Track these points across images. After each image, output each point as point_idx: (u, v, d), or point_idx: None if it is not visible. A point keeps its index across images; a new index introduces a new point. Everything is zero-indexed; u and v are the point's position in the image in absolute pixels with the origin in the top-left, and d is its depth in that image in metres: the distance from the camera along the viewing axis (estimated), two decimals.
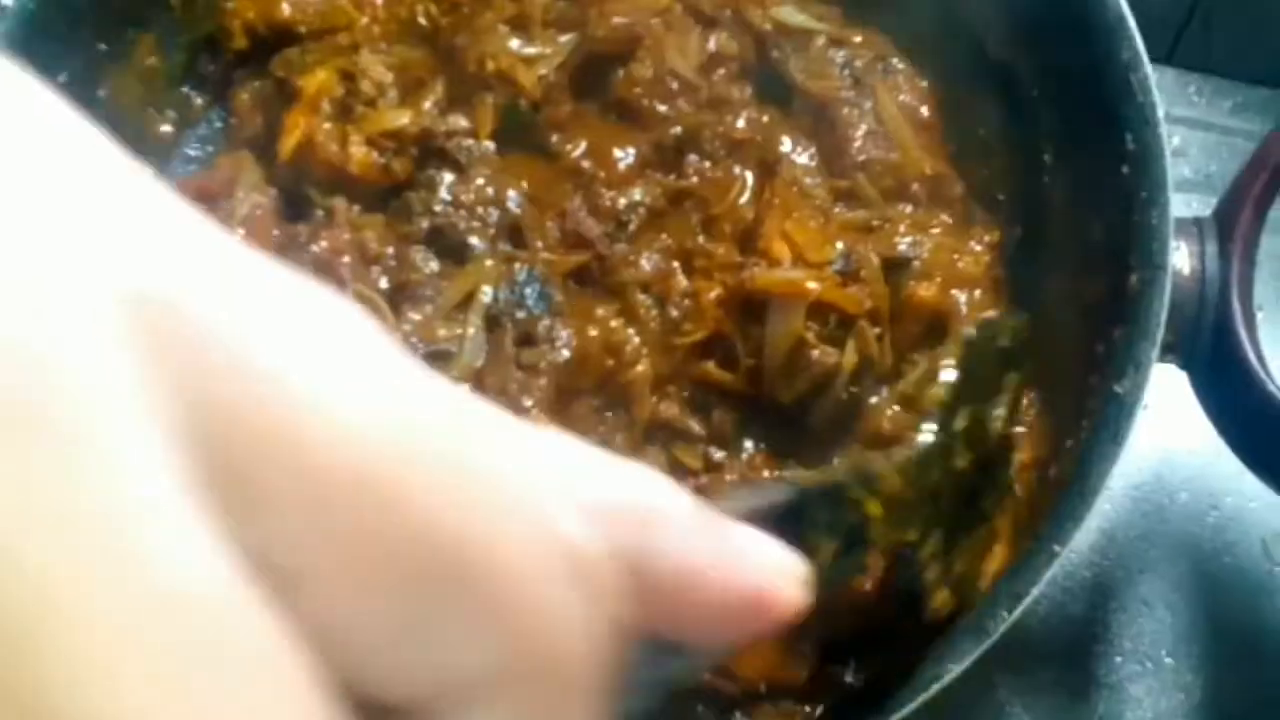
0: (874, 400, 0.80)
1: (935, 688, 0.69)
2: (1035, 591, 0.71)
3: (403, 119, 0.87)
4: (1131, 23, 0.79)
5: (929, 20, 0.91)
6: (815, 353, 0.80)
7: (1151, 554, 0.99)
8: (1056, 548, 0.72)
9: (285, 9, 0.93)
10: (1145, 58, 0.79)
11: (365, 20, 0.92)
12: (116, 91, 0.93)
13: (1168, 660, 0.96)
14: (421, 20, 0.92)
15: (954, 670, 0.69)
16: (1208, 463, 0.98)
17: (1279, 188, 0.80)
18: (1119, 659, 0.96)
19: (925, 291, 0.81)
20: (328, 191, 0.86)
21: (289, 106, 0.89)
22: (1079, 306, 0.82)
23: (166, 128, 0.97)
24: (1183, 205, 0.81)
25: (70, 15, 0.88)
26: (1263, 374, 0.76)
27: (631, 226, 0.85)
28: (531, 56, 0.88)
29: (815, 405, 0.82)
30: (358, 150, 0.86)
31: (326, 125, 0.87)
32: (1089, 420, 0.76)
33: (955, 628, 0.72)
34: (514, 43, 0.88)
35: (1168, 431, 0.99)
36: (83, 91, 0.91)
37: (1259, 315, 0.80)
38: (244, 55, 0.95)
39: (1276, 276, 1.08)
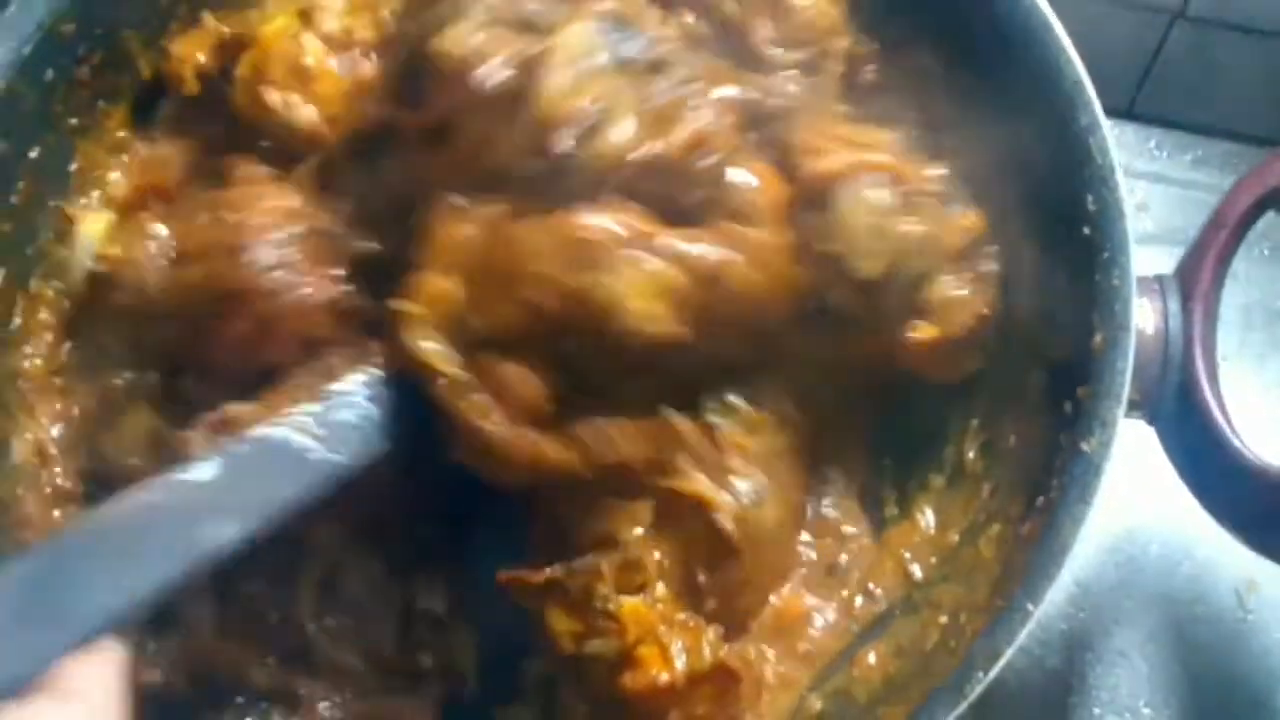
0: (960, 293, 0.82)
1: None
2: (1010, 651, 0.71)
3: (359, 18, 0.87)
4: (1089, 88, 0.80)
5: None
6: (897, 221, 0.80)
7: (1126, 605, 1.00)
8: (1030, 606, 0.72)
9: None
10: (1103, 121, 0.80)
11: None
12: (87, 165, 0.94)
13: (1145, 710, 0.97)
14: None
15: None
16: (1179, 514, 1.00)
17: (1239, 244, 0.81)
18: (1097, 710, 0.97)
19: None
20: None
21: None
22: (1046, 365, 0.83)
23: None
24: (1147, 259, 0.82)
25: (41, 91, 0.88)
26: (1227, 429, 0.77)
27: None
28: None
29: (894, 279, 0.81)
30: (313, 44, 0.85)
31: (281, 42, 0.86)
32: (1058, 479, 0.77)
33: (931, 689, 0.73)
34: None
35: (1140, 484, 1.00)
36: (55, 165, 0.91)
37: (1223, 364, 0.81)
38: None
39: (1241, 327, 1.10)
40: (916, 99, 0.92)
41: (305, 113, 0.86)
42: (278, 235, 0.82)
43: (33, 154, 0.89)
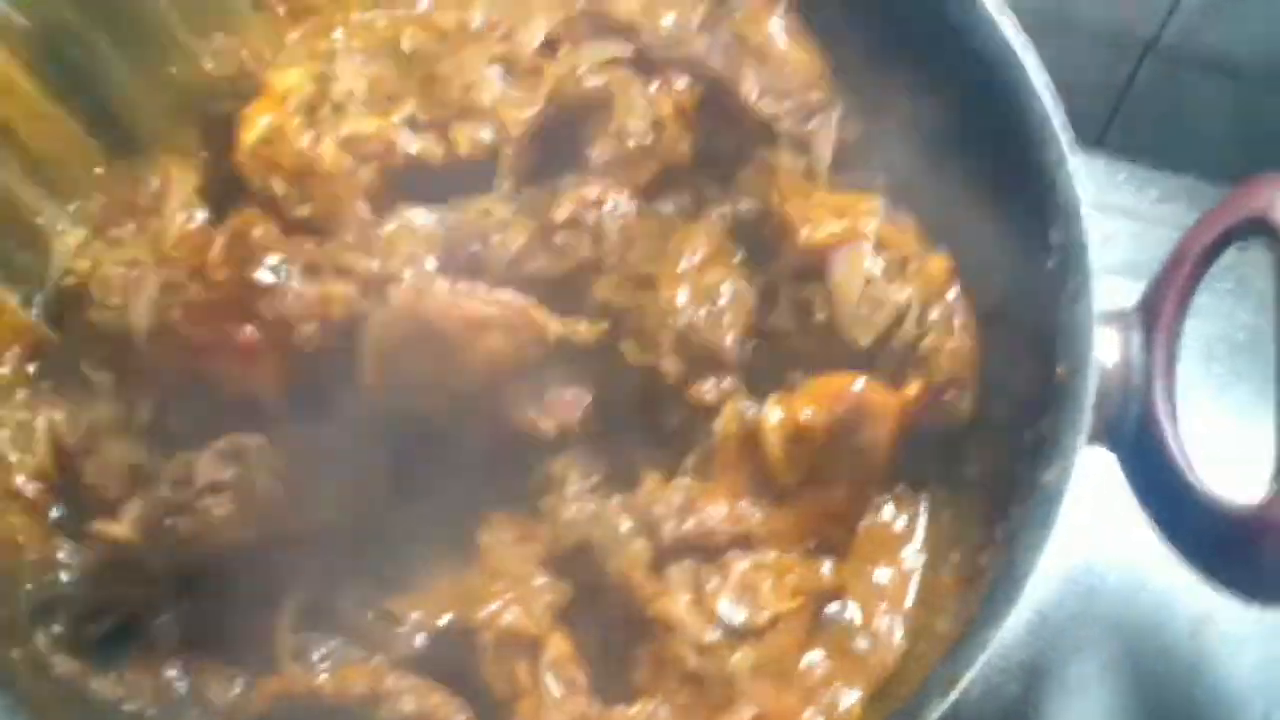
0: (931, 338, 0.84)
1: None
2: (967, 678, 0.72)
3: (370, 125, 0.87)
4: (1058, 121, 0.81)
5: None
6: (887, 290, 0.83)
7: (1084, 635, 1.01)
8: (989, 633, 0.73)
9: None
10: (1070, 156, 0.81)
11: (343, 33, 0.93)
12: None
13: None
14: (405, 44, 0.92)
15: None
16: (1139, 546, 0.99)
17: (1201, 278, 0.82)
18: None
19: None
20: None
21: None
22: (1008, 396, 0.84)
23: None
24: (1112, 291, 0.83)
25: None
26: (1183, 463, 0.78)
27: None
28: (513, 99, 0.89)
29: (888, 346, 0.84)
30: (329, 149, 0.86)
31: (295, 121, 0.86)
32: (1018, 508, 0.77)
33: (889, 714, 0.73)
34: (496, 81, 0.89)
35: (1099, 514, 1.00)
36: None
37: (1186, 395, 0.82)
38: None
39: (1203, 358, 1.11)
40: (893, 144, 0.93)
41: (302, 210, 0.86)
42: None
43: None
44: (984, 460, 0.87)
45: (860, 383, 0.81)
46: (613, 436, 0.87)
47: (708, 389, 0.85)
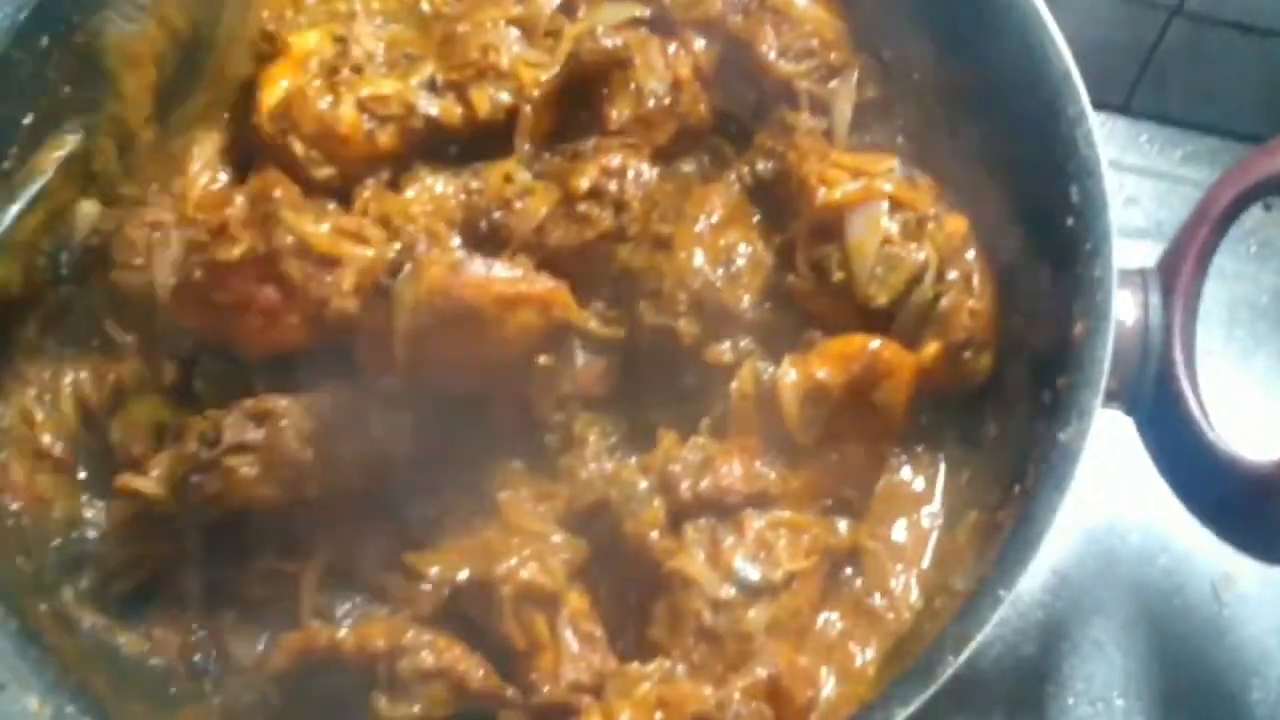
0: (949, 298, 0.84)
1: None
2: (980, 636, 0.72)
3: (389, 87, 0.88)
4: (1078, 78, 0.81)
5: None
6: (904, 249, 0.83)
7: (1103, 595, 1.01)
8: (1002, 592, 0.73)
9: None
10: (1090, 112, 0.80)
11: None
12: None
13: (1119, 700, 0.98)
14: (423, 5, 0.93)
15: (900, 714, 0.71)
16: (1158, 506, 1.00)
17: (1221, 238, 0.81)
18: (1071, 700, 0.98)
19: None
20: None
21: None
22: (1026, 355, 0.84)
23: None
24: (1135, 252, 0.83)
25: (37, 58, 0.88)
26: (1203, 422, 0.78)
27: None
28: (532, 60, 0.90)
29: (906, 305, 0.84)
30: (349, 111, 0.86)
31: (316, 83, 0.87)
32: (1035, 466, 0.77)
33: (902, 671, 0.73)
34: (514, 43, 0.90)
35: (1119, 475, 1.00)
36: (48, 132, 0.91)
37: (1207, 359, 0.82)
38: None
39: (1225, 322, 1.11)
40: (912, 104, 0.94)
41: (323, 171, 0.87)
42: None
43: (26, 120, 0.89)
44: (1002, 420, 0.86)
45: (877, 342, 0.81)
46: (630, 397, 0.87)
47: (724, 350, 0.85)
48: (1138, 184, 1.17)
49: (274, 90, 0.88)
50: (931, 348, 0.83)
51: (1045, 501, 0.74)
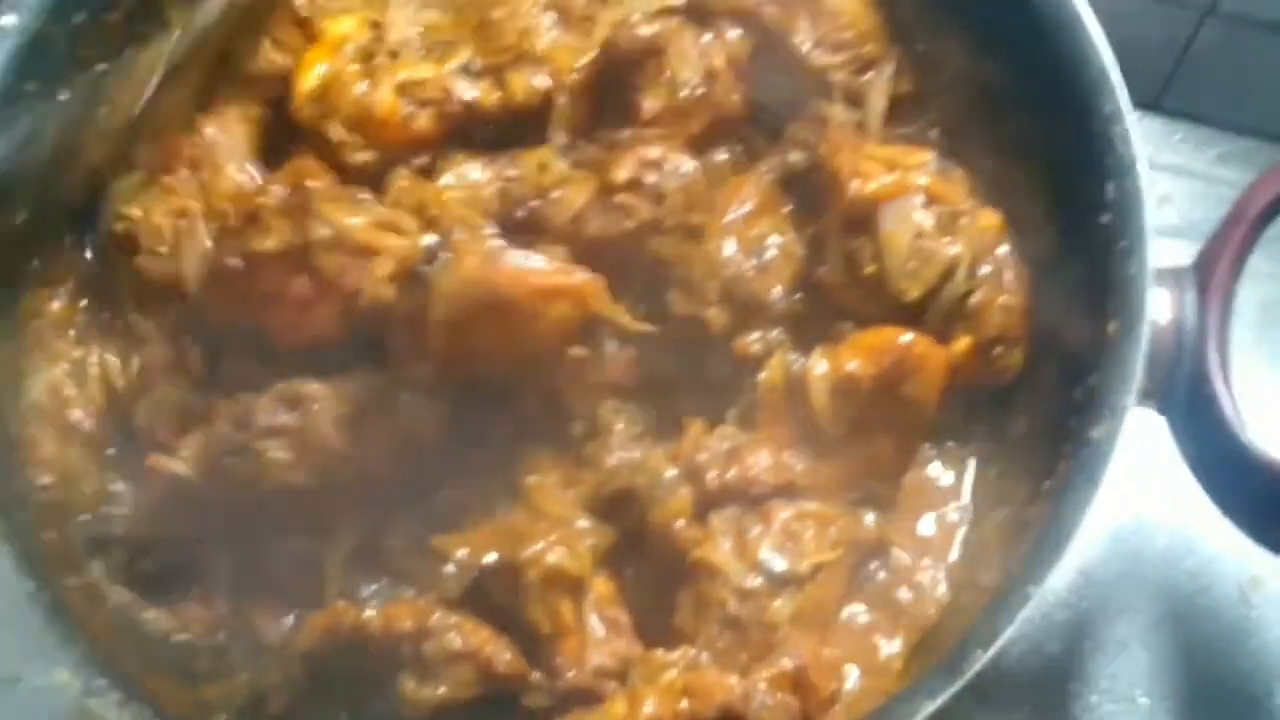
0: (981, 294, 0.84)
1: None
2: (1009, 632, 0.72)
3: (426, 71, 0.88)
4: (1115, 75, 0.81)
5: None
6: (937, 243, 0.83)
7: (1129, 596, 1.01)
8: (1031, 588, 0.73)
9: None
10: (1127, 110, 0.80)
11: None
12: (115, 110, 0.94)
13: (1143, 700, 0.98)
14: None
15: (928, 707, 0.71)
16: (1185, 508, 1.00)
17: (1257, 239, 0.81)
18: (1095, 698, 0.98)
19: None
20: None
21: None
22: (1059, 353, 0.84)
23: None
24: (1167, 251, 0.82)
25: (71, 34, 0.89)
26: (1236, 423, 0.77)
27: None
28: (569, 45, 0.90)
29: (937, 300, 0.84)
30: (386, 95, 0.86)
31: (352, 67, 0.88)
32: (1065, 463, 0.77)
33: (929, 666, 0.73)
34: (552, 29, 0.90)
35: (1148, 476, 1.00)
36: (83, 110, 0.92)
37: (1240, 359, 0.81)
38: None
39: (1259, 323, 1.10)
40: (946, 99, 0.93)
41: (361, 156, 0.87)
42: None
43: (61, 97, 0.89)
44: (1033, 416, 0.86)
45: (909, 335, 0.81)
46: (657, 387, 0.87)
47: (754, 340, 0.85)
48: (1172, 183, 1.16)
49: (311, 75, 0.88)
50: (962, 343, 0.83)
51: (1076, 499, 0.74)
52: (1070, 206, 0.84)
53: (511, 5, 0.90)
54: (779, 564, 0.80)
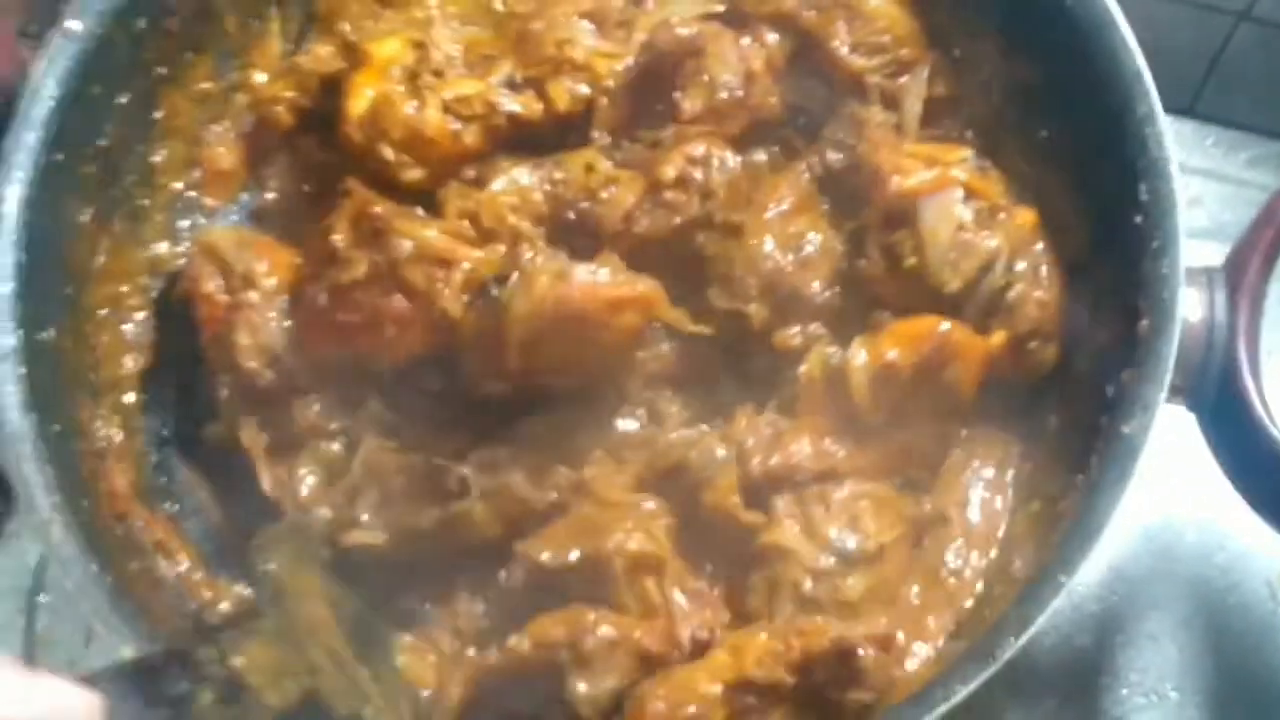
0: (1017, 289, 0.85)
1: (942, 708, 0.72)
2: (1041, 619, 0.74)
3: (470, 87, 0.90)
4: (1148, 78, 0.82)
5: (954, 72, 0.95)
6: (977, 236, 0.85)
7: (1159, 591, 1.02)
8: (1063, 578, 0.75)
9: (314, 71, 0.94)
10: (1160, 112, 0.82)
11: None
12: (172, 114, 0.97)
13: (1172, 694, 0.99)
14: (498, 4, 0.96)
15: (961, 691, 0.72)
16: (1217, 504, 1.01)
17: None
18: (1125, 691, 0.99)
19: None
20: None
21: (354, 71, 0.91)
22: (1092, 349, 0.85)
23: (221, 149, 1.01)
24: (1198, 253, 0.84)
25: (132, 39, 0.92)
26: (1267, 420, 0.79)
27: None
28: (606, 51, 0.92)
29: (977, 292, 0.85)
30: (434, 114, 0.89)
31: (400, 89, 0.89)
32: (1098, 458, 0.79)
33: (962, 652, 0.75)
34: (587, 36, 0.93)
35: (1178, 473, 1.02)
36: (141, 112, 0.95)
37: (1271, 359, 0.83)
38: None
39: None
40: (982, 101, 0.95)
41: (413, 173, 0.90)
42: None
43: (121, 100, 0.93)
44: (1066, 412, 0.88)
45: (947, 324, 0.83)
46: (700, 382, 0.89)
47: (793, 334, 0.87)
48: (1202, 186, 1.18)
49: (360, 99, 0.90)
50: (998, 337, 0.85)
51: (1108, 492, 0.76)
52: (1103, 207, 0.85)
53: (549, 16, 0.93)
54: (850, 542, 0.82)
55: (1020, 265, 0.85)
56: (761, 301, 0.87)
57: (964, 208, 0.85)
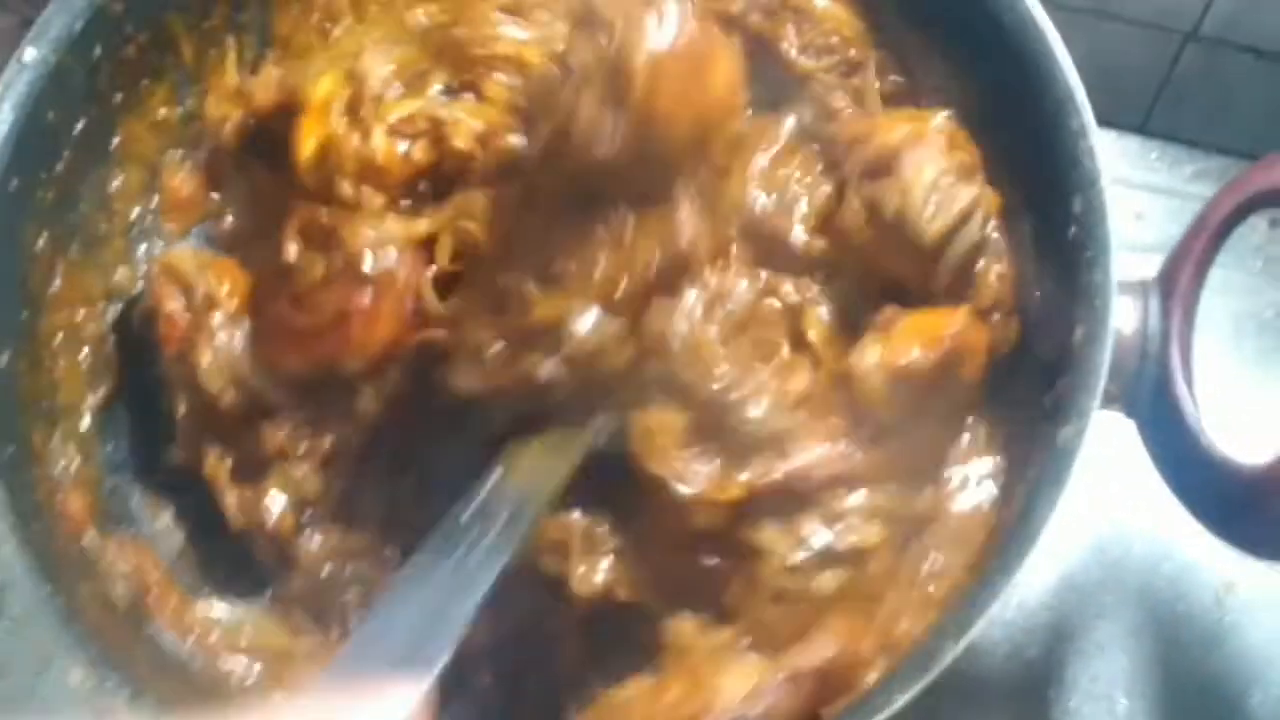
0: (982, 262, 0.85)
1: (881, 716, 0.73)
2: (979, 624, 0.74)
3: (410, 107, 0.91)
4: (1080, 94, 0.84)
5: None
6: (957, 186, 0.84)
7: (1108, 600, 1.03)
8: (1000, 583, 0.76)
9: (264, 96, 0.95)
10: (1093, 126, 0.83)
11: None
12: (129, 140, 0.98)
13: (1122, 701, 1.00)
14: (421, 18, 0.96)
15: (900, 699, 0.73)
16: (1163, 516, 1.02)
17: (1218, 248, 0.84)
18: (1075, 701, 1.00)
19: None
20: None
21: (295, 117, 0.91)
22: (1032, 358, 0.87)
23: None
24: (1141, 266, 0.85)
25: (87, 67, 0.93)
26: (1197, 426, 0.80)
27: None
28: (530, 40, 0.92)
29: (952, 245, 0.85)
30: (381, 140, 0.89)
31: (343, 123, 0.90)
32: (1034, 466, 0.80)
33: (902, 659, 0.76)
34: (511, 29, 0.93)
35: (1125, 483, 1.03)
36: (98, 139, 0.96)
37: (1213, 370, 0.84)
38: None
39: (1233, 335, 1.13)
40: (929, 101, 0.95)
41: (377, 201, 0.90)
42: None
43: (78, 127, 0.93)
44: (1006, 424, 0.89)
45: (959, 322, 0.82)
46: None
47: (787, 290, 0.88)
48: (1148, 201, 1.19)
49: (308, 144, 0.91)
50: (963, 311, 0.85)
51: (1043, 496, 0.77)
52: (1042, 219, 0.86)
53: (468, 19, 0.93)
54: (825, 539, 0.81)
55: (993, 229, 0.86)
56: (745, 243, 0.88)
57: (947, 158, 0.85)
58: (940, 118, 0.87)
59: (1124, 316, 0.82)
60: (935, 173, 0.85)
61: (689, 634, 0.82)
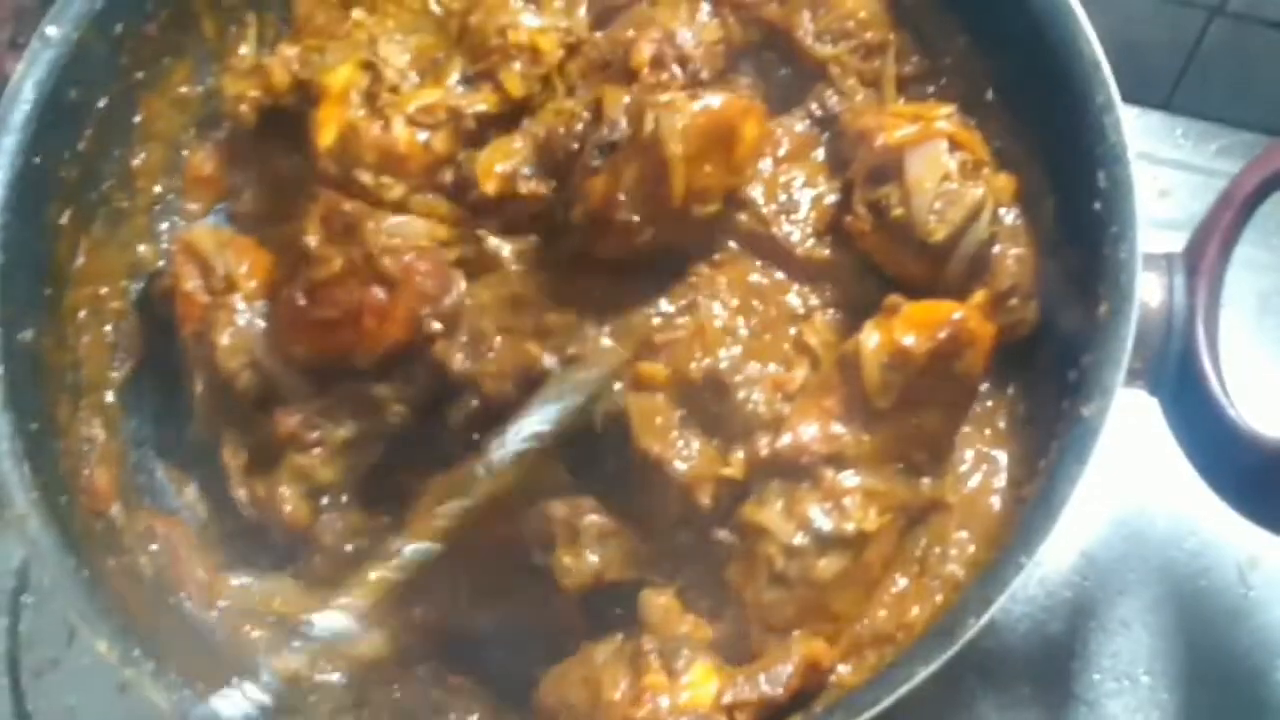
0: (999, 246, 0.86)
1: (903, 689, 0.73)
2: (1002, 599, 0.74)
3: (430, 96, 0.91)
4: (1106, 69, 0.83)
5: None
6: (963, 186, 0.84)
7: (1130, 577, 1.03)
8: (1023, 559, 0.76)
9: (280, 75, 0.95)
10: (1118, 101, 0.83)
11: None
12: (151, 118, 0.99)
13: (1144, 678, 1.00)
14: (434, 8, 0.97)
15: (922, 672, 0.73)
16: (1186, 492, 1.01)
17: (1244, 223, 0.84)
18: (1097, 676, 1.00)
19: None
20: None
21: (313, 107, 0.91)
22: (1055, 336, 0.86)
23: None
24: (1167, 243, 0.85)
25: (110, 44, 0.93)
26: (1224, 400, 0.80)
27: None
28: (545, 27, 0.93)
29: (960, 245, 0.85)
30: (401, 129, 0.89)
31: (361, 113, 0.90)
32: (1059, 442, 0.80)
33: (924, 632, 0.76)
34: (526, 17, 0.93)
35: (1148, 459, 1.02)
36: (120, 116, 0.96)
37: (1237, 347, 0.84)
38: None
39: (1257, 311, 1.12)
40: (952, 83, 0.95)
41: (394, 192, 0.90)
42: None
43: (100, 104, 0.94)
44: (1031, 400, 0.89)
45: (960, 312, 0.82)
46: None
47: (791, 297, 0.89)
48: (1172, 177, 1.19)
49: (327, 132, 0.91)
50: (979, 296, 0.85)
51: (1066, 473, 0.77)
52: (1066, 194, 0.86)
53: (484, 7, 0.94)
54: (828, 524, 0.81)
55: (1006, 218, 0.86)
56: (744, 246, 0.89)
57: (950, 158, 0.85)
58: (945, 115, 0.87)
59: (1149, 292, 0.82)
60: (939, 175, 0.84)
61: (661, 607, 0.84)
